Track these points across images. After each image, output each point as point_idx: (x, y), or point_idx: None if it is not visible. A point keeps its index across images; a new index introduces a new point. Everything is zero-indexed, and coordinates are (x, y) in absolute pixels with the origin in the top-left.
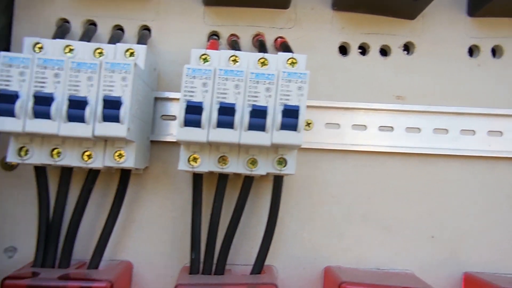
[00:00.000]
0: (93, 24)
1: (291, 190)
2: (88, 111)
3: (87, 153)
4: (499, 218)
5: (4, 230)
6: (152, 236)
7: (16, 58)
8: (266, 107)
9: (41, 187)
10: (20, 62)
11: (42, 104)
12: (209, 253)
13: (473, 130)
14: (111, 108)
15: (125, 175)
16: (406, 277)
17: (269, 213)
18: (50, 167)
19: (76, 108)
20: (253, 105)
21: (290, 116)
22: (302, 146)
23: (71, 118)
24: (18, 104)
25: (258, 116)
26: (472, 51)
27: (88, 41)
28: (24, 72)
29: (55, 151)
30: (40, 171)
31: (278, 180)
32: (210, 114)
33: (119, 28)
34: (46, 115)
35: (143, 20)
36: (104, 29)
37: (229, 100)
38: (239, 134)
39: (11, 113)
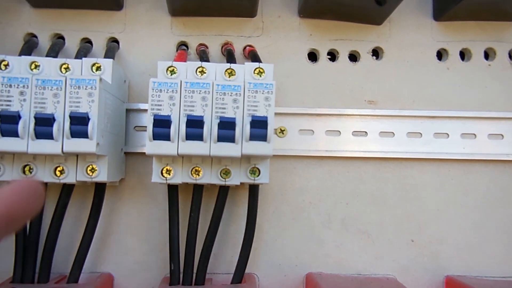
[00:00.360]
0: (61, 37)
1: (268, 197)
2: (55, 128)
3: (59, 169)
4: (477, 220)
5: None
6: (131, 247)
7: None
8: (234, 118)
9: None
10: None
11: (9, 123)
12: (188, 263)
13: (446, 133)
14: (79, 124)
15: (99, 188)
16: (388, 282)
17: (247, 222)
18: None
19: (44, 125)
20: (221, 117)
21: (259, 127)
22: (277, 154)
23: (39, 135)
24: None
25: (226, 128)
26: (440, 54)
27: (55, 55)
28: None
29: (27, 167)
30: None
31: (253, 189)
32: (178, 127)
33: (87, 41)
34: (14, 133)
35: (111, 32)
36: (72, 42)
37: (197, 112)
38: (209, 146)
39: None
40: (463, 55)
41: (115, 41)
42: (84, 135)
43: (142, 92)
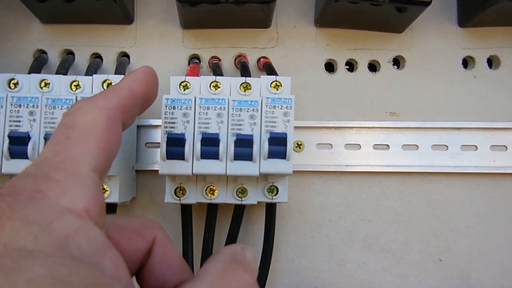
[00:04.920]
0: (70, 53)
1: (285, 215)
2: None
3: None
4: (510, 238)
5: None
6: None
7: None
8: (251, 135)
9: None
10: None
11: (18, 144)
12: None
13: (475, 145)
14: None
15: (110, 208)
16: None
17: (264, 242)
18: None
19: None
20: (238, 134)
21: (278, 144)
22: (294, 169)
23: None
24: None
25: (243, 146)
26: (466, 62)
27: (66, 72)
28: None
29: None
30: None
31: (271, 208)
32: (193, 146)
33: (97, 56)
34: (23, 155)
35: (121, 47)
36: (82, 58)
37: (212, 130)
38: (225, 165)
39: None
40: (491, 62)
41: (126, 55)
42: None
43: (153, 107)
